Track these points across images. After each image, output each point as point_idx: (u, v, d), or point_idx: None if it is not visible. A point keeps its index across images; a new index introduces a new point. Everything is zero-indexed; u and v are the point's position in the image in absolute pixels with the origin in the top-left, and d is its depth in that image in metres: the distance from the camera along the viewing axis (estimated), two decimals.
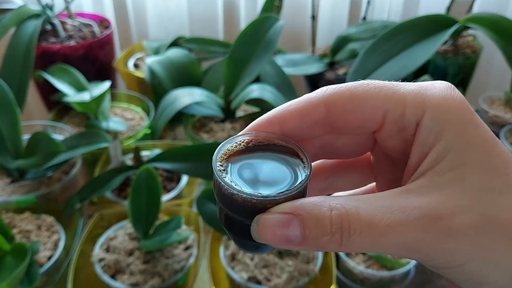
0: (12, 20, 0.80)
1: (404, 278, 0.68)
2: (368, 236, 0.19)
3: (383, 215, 0.19)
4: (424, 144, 0.21)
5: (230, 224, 0.22)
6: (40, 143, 0.68)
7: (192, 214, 0.69)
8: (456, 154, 0.20)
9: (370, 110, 0.21)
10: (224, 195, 0.21)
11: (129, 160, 0.76)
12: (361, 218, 0.19)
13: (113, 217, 0.68)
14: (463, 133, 0.20)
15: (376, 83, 0.22)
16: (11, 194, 0.68)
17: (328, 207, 0.19)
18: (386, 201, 0.19)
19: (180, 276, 0.60)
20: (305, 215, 0.19)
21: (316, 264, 0.62)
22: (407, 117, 0.21)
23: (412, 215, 0.19)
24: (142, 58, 1.00)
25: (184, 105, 0.76)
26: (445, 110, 0.20)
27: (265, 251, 0.24)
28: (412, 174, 0.21)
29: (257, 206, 0.20)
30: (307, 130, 0.23)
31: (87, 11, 1.01)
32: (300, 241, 0.19)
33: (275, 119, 0.23)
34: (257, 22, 0.79)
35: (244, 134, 0.23)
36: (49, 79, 0.77)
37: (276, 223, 0.19)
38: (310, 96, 0.23)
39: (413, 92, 0.21)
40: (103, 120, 0.79)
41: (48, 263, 0.60)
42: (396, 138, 0.22)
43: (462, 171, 0.19)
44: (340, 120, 0.22)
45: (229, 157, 0.22)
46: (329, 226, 0.19)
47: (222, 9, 1.05)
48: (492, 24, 0.78)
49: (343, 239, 0.19)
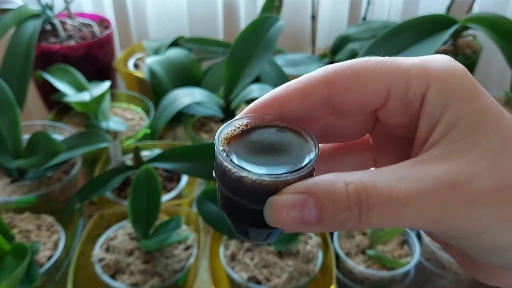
0: (12, 20, 0.80)
1: (404, 278, 0.68)
2: (388, 208, 0.18)
3: (401, 186, 0.18)
4: (432, 116, 0.20)
5: (235, 211, 0.21)
6: (40, 143, 0.68)
7: (192, 214, 0.69)
8: (467, 122, 0.19)
9: (374, 86, 0.21)
10: (231, 179, 0.20)
11: (129, 160, 0.75)
12: (379, 191, 0.18)
13: (113, 217, 0.68)
14: (471, 102, 0.20)
15: (377, 59, 0.21)
16: (11, 194, 0.68)
17: (344, 183, 0.18)
18: (402, 172, 0.19)
19: (180, 276, 0.60)
20: (320, 193, 0.18)
21: (316, 264, 0.62)
22: (412, 90, 0.20)
23: (430, 184, 0.18)
24: (142, 58, 1.00)
25: (184, 105, 0.76)
26: (450, 81, 0.20)
27: (267, 240, 0.22)
28: (422, 147, 0.21)
29: (268, 188, 0.19)
30: (308, 111, 0.22)
31: (87, 11, 1.01)
32: (316, 221, 0.18)
33: (274, 100, 0.22)
34: (257, 22, 0.79)
35: (242, 117, 0.22)
36: (49, 79, 0.77)
37: (290, 204, 0.18)
38: (310, 75, 0.22)
39: (416, 66, 0.21)
40: (103, 120, 0.79)
41: (48, 263, 0.60)
42: (400, 114, 0.22)
43: (476, 138, 0.19)
44: (343, 99, 0.21)
45: (230, 141, 0.21)
46: (346, 202, 0.18)
47: (222, 9, 1.05)
48: (492, 24, 0.78)
49: (362, 215, 0.18)
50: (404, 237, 0.71)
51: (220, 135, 0.21)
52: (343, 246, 0.69)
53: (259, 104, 0.22)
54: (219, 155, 0.20)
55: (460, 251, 0.22)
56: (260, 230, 0.22)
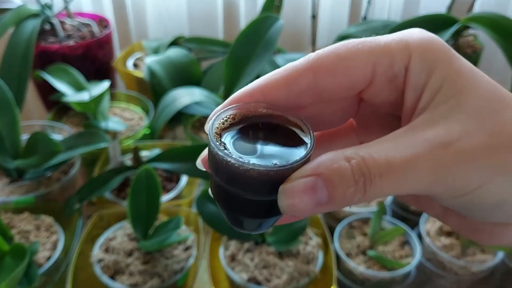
0: (11, 19, 0.80)
1: (405, 279, 0.67)
2: (388, 176, 0.19)
3: (396, 153, 0.19)
4: (417, 85, 0.21)
5: (231, 202, 0.21)
6: (39, 143, 0.68)
7: (192, 214, 0.69)
8: (449, 84, 0.20)
9: (359, 66, 0.21)
10: (235, 173, 0.19)
11: (129, 160, 0.75)
12: (377, 161, 0.19)
13: (112, 218, 0.68)
14: (451, 66, 0.21)
15: (356, 41, 0.22)
16: (10, 195, 0.68)
17: (345, 158, 0.19)
18: (395, 141, 0.20)
19: (180, 277, 0.60)
20: (327, 172, 0.19)
21: (316, 265, 0.62)
22: (396, 64, 0.21)
23: (423, 148, 0.19)
24: (141, 57, 1.00)
25: (183, 105, 0.76)
26: (429, 50, 0.21)
27: (259, 230, 0.23)
28: (410, 117, 0.22)
29: (274, 178, 0.19)
30: (293, 99, 0.22)
31: (86, 10, 1.01)
32: (327, 200, 0.19)
33: (257, 90, 0.22)
34: (257, 22, 0.79)
35: (228, 109, 0.22)
36: (48, 79, 0.77)
37: (302, 188, 0.19)
38: (295, 64, 0.22)
39: (395, 41, 0.21)
40: (102, 120, 0.78)
41: (47, 264, 0.60)
42: (386, 90, 0.22)
43: (460, 98, 0.20)
44: (330, 84, 0.22)
45: (221, 134, 0.21)
46: (352, 176, 0.19)
47: (222, 8, 1.05)
48: (493, 24, 0.77)
49: (366, 186, 0.19)
50: (405, 238, 0.71)
51: (212, 129, 0.21)
52: (344, 247, 0.69)
53: (242, 94, 0.22)
54: (219, 152, 0.20)
55: (459, 217, 0.23)
56: (254, 220, 0.22)
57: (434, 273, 0.69)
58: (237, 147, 0.20)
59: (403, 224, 0.71)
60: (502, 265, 0.69)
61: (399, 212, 0.78)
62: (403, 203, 0.77)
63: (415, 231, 0.72)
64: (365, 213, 0.73)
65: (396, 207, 0.78)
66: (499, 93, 0.20)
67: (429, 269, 0.69)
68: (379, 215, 0.69)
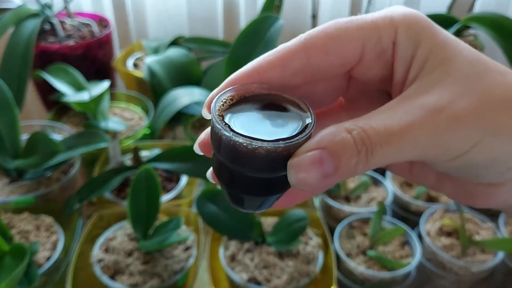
0: (11, 19, 0.80)
1: (405, 279, 0.67)
2: (388, 144, 0.19)
3: (393, 121, 0.20)
4: (405, 58, 0.22)
5: (235, 181, 0.22)
6: (39, 143, 0.68)
7: (192, 214, 0.68)
8: (436, 54, 0.22)
9: (350, 44, 0.22)
10: (242, 152, 0.20)
11: (129, 160, 0.75)
12: (376, 130, 0.20)
13: (112, 218, 0.68)
14: (435, 37, 0.22)
15: (344, 19, 0.23)
16: (9, 194, 0.68)
17: (346, 130, 0.20)
18: (391, 110, 0.21)
19: (180, 277, 0.60)
20: (331, 145, 0.20)
21: (317, 265, 0.62)
22: (384, 39, 0.22)
23: (418, 114, 0.20)
24: (141, 57, 1.00)
25: (183, 105, 0.75)
26: (414, 24, 0.22)
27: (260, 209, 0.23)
28: (402, 88, 0.23)
29: (281, 154, 0.20)
30: (288, 79, 0.23)
31: (86, 10, 1.01)
32: (333, 172, 0.20)
33: (253, 71, 0.23)
34: (257, 22, 0.79)
35: (226, 91, 0.23)
36: (48, 79, 0.77)
37: (309, 162, 0.20)
38: (287, 45, 0.23)
39: (381, 17, 0.22)
40: (102, 120, 0.78)
41: (47, 264, 0.60)
42: (375, 65, 0.23)
43: (447, 66, 0.21)
44: (322, 62, 0.23)
45: (223, 117, 0.21)
46: (354, 147, 0.19)
47: (222, 8, 1.05)
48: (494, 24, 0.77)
49: (368, 155, 0.20)
50: (405, 238, 0.71)
51: (215, 111, 0.21)
52: (344, 247, 0.69)
53: (239, 75, 0.23)
54: (224, 132, 0.20)
55: (454, 183, 0.24)
56: (256, 198, 0.22)
57: (434, 273, 0.69)
58: (240, 127, 0.21)
59: (403, 224, 0.71)
60: (502, 265, 0.69)
61: (399, 212, 0.78)
62: (403, 203, 0.77)
63: (415, 231, 0.72)
64: (365, 213, 0.73)
65: (396, 207, 0.78)
66: (480, 58, 0.22)
67: (429, 269, 0.69)
68: (379, 215, 0.69)
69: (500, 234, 0.71)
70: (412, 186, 0.81)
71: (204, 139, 0.24)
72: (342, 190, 0.77)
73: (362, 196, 0.78)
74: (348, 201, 0.77)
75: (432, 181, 0.25)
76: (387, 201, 0.75)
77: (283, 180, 0.21)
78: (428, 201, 0.78)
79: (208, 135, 0.24)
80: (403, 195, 0.77)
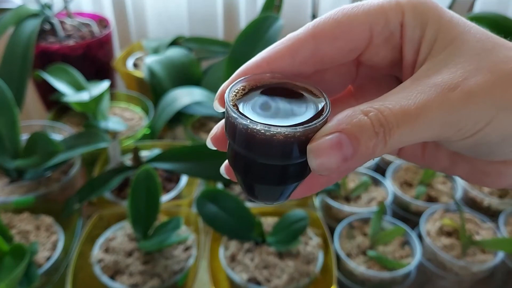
0: (11, 19, 0.80)
1: (405, 279, 0.67)
2: (405, 123, 0.19)
3: (409, 101, 0.20)
4: (413, 39, 0.22)
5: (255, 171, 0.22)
6: (39, 143, 0.68)
7: (192, 214, 0.68)
8: (444, 33, 0.22)
9: (358, 28, 0.22)
10: (261, 140, 0.20)
11: (128, 160, 0.75)
12: (393, 111, 0.19)
13: (112, 218, 0.68)
14: (442, 17, 0.22)
15: (351, 5, 0.23)
16: (9, 195, 0.68)
17: (363, 113, 0.20)
18: (405, 91, 0.20)
19: (180, 277, 0.60)
20: (349, 127, 0.19)
21: (317, 265, 0.62)
22: (392, 22, 0.22)
23: (433, 92, 0.20)
24: (141, 57, 1.00)
25: (183, 105, 0.75)
26: (419, 4, 0.22)
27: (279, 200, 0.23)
28: (411, 71, 0.23)
29: (299, 139, 0.20)
30: (297, 67, 0.23)
31: (86, 10, 1.01)
32: (352, 154, 0.19)
33: (263, 61, 0.23)
34: (257, 22, 0.79)
35: (238, 82, 0.23)
36: (47, 79, 0.77)
37: (329, 145, 0.19)
38: (295, 33, 0.23)
39: (387, 1, 0.23)
40: (102, 120, 0.78)
41: (47, 264, 0.60)
42: (384, 49, 0.23)
43: (456, 44, 0.21)
44: (331, 49, 0.23)
45: (237, 106, 0.21)
46: (372, 129, 0.19)
47: (222, 8, 1.05)
48: (493, 24, 0.77)
49: (386, 136, 0.19)
50: (405, 238, 0.71)
51: (229, 101, 0.21)
52: (344, 247, 0.69)
53: (249, 66, 0.23)
54: (241, 119, 0.20)
55: (467, 164, 0.24)
56: (275, 188, 0.22)
57: (434, 274, 0.69)
58: (256, 115, 0.21)
59: (403, 224, 0.71)
60: (502, 266, 0.69)
61: (399, 212, 0.78)
62: (403, 203, 0.77)
63: (415, 231, 0.72)
64: (365, 213, 0.73)
65: (396, 207, 0.78)
66: (488, 35, 0.22)
67: (430, 270, 0.69)
68: (379, 215, 0.69)
69: (500, 234, 0.71)
70: (412, 186, 0.81)
71: (216, 133, 0.24)
72: (342, 190, 0.77)
73: (362, 196, 0.78)
74: (348, 201, 0.77)
75: (445, 163, 0.25)
76: (387, 201, 0.75)
77: (301, 166, 0.21)
78: (428, 201, 0.78)
79: (220, 129, 0.24)
80: (403, 195, 0.77)
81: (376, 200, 0.76)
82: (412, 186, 0.81)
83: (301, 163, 0.21)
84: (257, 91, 0.22)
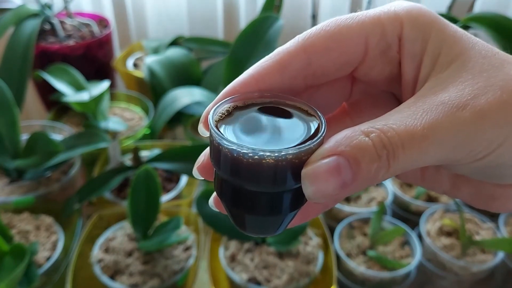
0: (11, 19, 0.80)
1: (405, 279, 0.67)
2: (411, 146, 0.18)
3: (415, 121, 0.18)
4: (414, 54, 0.21)
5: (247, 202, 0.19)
6: (39, 143, 0.68)
7: (192, 214, 0.68)
8: (449, 48, 0.20)
9: (351, 40, 0.21)
10: (248, 165, 0.18)
11: (128, 160, 0.75)
12: (397, 132, 0.18)
13: (112, 218, 0.68)
14: (445, 31, 0.20)
15: (344, 16, 0.21)
16: (9, 194, 0.68)
17: (364, 133, 0.18)
18: (409, 110, 0.19)
19: (180, 277, 0.60)
20: (348, 149, 0.17)
21: (317, 265, 0.62)
22: (389, 34, 0.21)
23: (440, 112, 0.18)
24: (141, 57, 1.00)
25: (183, 105, 0.75)
26: (420, 17, 0.21)
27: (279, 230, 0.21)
28: (413, 87, 0.21)
29: (292, 163, 0.18)
30: (288, 83, 0.21)
31: (86, 10, 1.01)
32: (352, 179, 0.17)
33: (251, 78, 0.21)
34: (257, 22, 0.79)
35: (224, 102, 0.21)
36: (47, 79, 0.77)
37: (325, 170, 0.17)
38: (286, 46, 0.21)
39: (384, 11, 0.21)
40: (102, 120, 0.78)
41: (47, 264, 0.60)
42: (380, 63, 0.22)
43: (462, 60, 0.20)
44: (324, 62, 0.21)
45: (223, 128, 0.19)
46: (374, 151, 0.17)
47: (222, 8, 1.04)
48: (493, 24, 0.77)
49: (390, 160, 0.18)
50: (405, 238, 0.71)
51: (213, 126, 0.19)
52: (344, 247, 0.69)
53: (236, 84, 0.21)
54: (229, 145, 0.18)
55: (472, 187, 0.22)
56: (268, 219, 0.20)
57: (434, 274, 0.69)
58: (243, 138, 0.19)
59: (403, 224, 0.71)
60: (502, 266, 0.69)
61: (399, 212, 0.78)
62: (403, 203, 0.77)
63: (415, 231, 0.71)
64: (365, 213, 0.73)
65: (396, 207, 0.78)
66: (494, 51, 0.20)
67: (430, 270, 0.69)
68: (379, 215, 0.69)
69: (500, 234, 0.71)
70: (412, 186, 0.80)
71: (203, 161, 0.22)
72: None
73: (362, 196, 0.78)
74: (348, 201, 0.77)
75: (446, 186, 0.23)
76: (387, 201, 0.75)
77: (296, 194, 0.19)
78: (428, 201, 0.78)
79: (206, 156, 0.22)
80: (403, 195, 0.77)
81: (376, 200, 0.76)
82: (412, 186, 0.81)
83: (296, 190, 0.19)
84: (245, 112, 0.20)
